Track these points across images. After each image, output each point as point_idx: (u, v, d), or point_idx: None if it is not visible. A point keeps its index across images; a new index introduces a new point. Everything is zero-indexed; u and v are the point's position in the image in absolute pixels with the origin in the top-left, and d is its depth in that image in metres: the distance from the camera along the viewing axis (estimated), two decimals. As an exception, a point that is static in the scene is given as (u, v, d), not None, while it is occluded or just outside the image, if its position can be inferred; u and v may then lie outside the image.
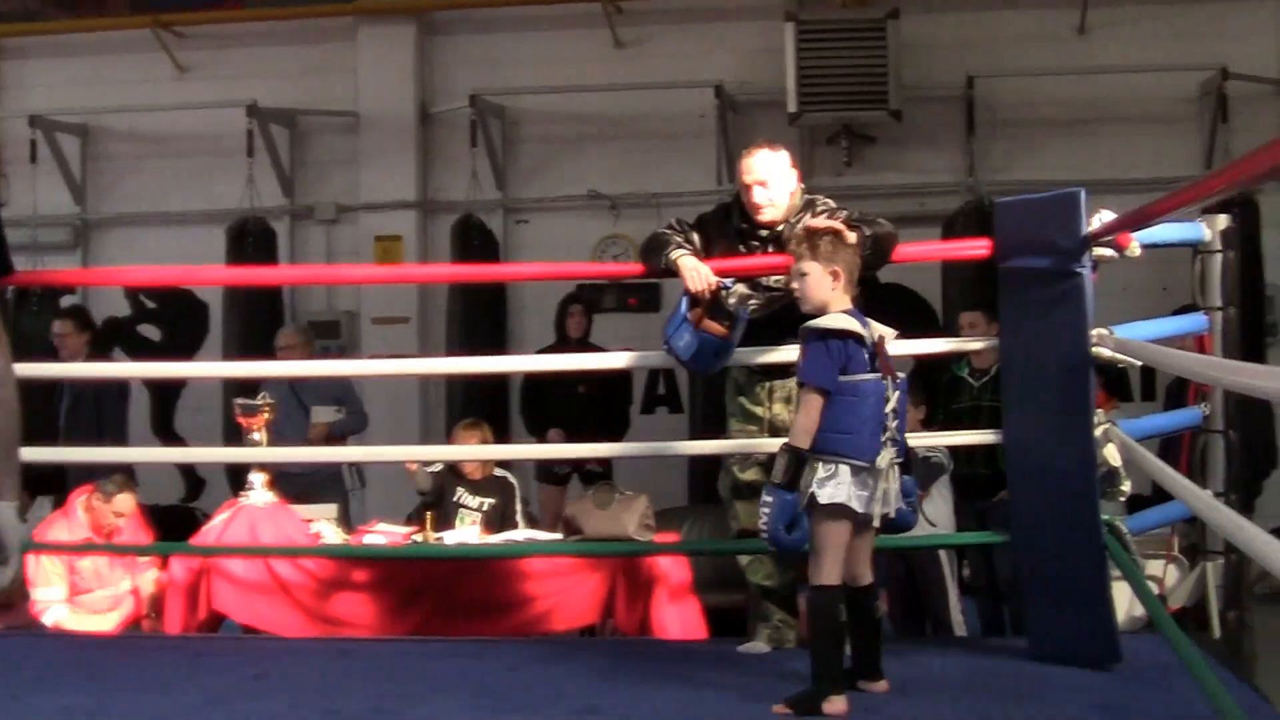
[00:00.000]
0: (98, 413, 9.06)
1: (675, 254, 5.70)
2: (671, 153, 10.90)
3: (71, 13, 11.78)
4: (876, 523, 4.87)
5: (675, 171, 10.81)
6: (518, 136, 11.08)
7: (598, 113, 11.00)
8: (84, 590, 7.68)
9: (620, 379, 9.54)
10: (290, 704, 5.48)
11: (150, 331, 11.49)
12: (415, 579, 7.12)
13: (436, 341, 10.50)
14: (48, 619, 7.49)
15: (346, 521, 8.11)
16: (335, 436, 8.65)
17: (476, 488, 7.84)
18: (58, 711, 5.43)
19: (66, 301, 11.10)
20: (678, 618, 6.89)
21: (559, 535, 7.35)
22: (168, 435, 11.29)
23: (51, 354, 8.97)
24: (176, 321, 11.27)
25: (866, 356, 4.85)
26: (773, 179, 5.73)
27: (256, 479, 7.45)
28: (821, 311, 4.91)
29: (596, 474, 8.90)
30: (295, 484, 8.02)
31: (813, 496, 4.78)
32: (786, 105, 10.36)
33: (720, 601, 7.24)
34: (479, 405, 9.39)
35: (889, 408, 4.84)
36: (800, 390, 4.89)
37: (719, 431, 6.35)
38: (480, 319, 10.23)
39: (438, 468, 7.83)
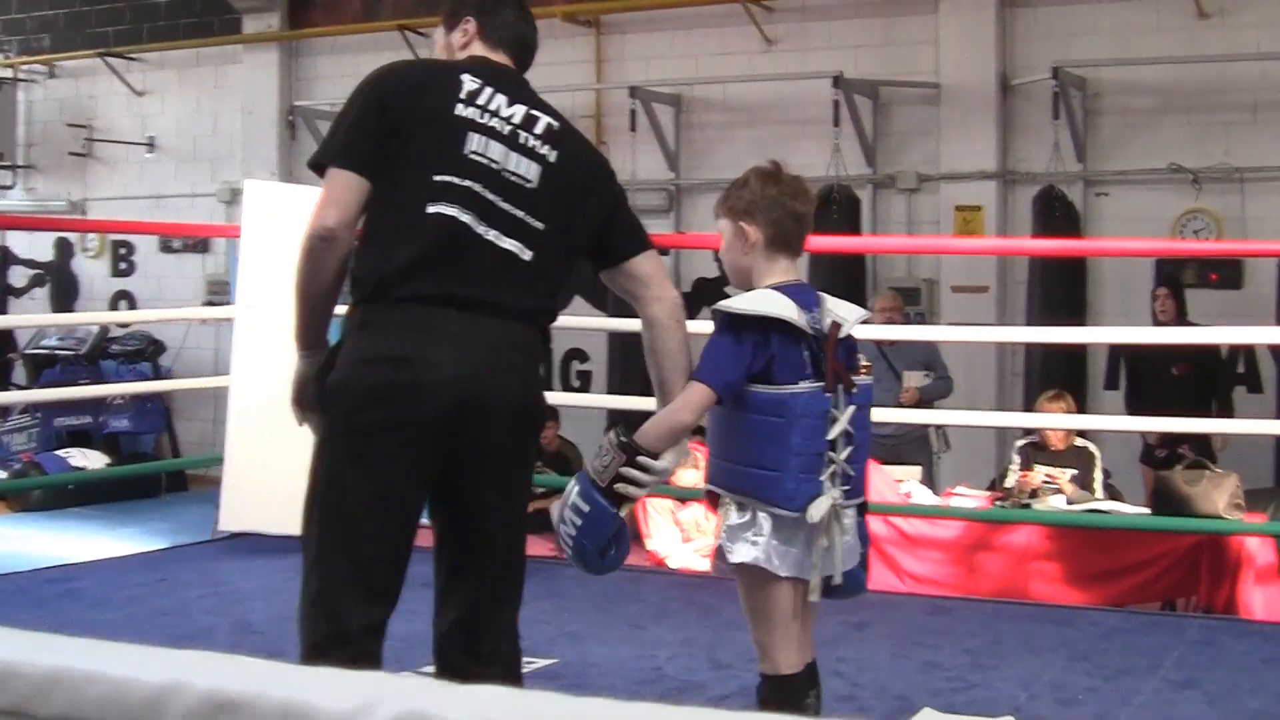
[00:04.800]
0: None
1: None
2: (1258, 126, 10.65)
3: (665, -12, 12.41)
4: (814, 595, 3.58)
5: (1265, 146, 10.56)
6: (1099, 108, 11.05)
7: (1178, 84, 10.84)
8: (686, 539, 8.30)
9: (1212, 358, 9.35)
10: (891, 653, 5.85)
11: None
12: (1000, 542, 7.37)
13: (1014, 311, 10.60)
14: (672, 563, 8.13)
15: (931, 484, 8.41)
16: (924, 400, 8.93)
17: (1057, 458, 8.00)
18: (680, 643, 5.97)
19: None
20: (1263, 599, 6.90)
21: (1145, 510, 7.46)
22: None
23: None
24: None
25: (805, 355, 3.60)
26: None
27: (849, 438, 7.81)
28: (743, 287, 3.77)
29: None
30: (884, 446, 8.36)
31: (720, 551, 3.64)
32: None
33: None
34: (1057, 377, 9.47)
35: (835, 431, 3.55)
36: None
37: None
38: (1059, 291, 10.27)
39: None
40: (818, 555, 3.53)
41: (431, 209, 3.38)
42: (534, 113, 3.58)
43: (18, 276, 14.98)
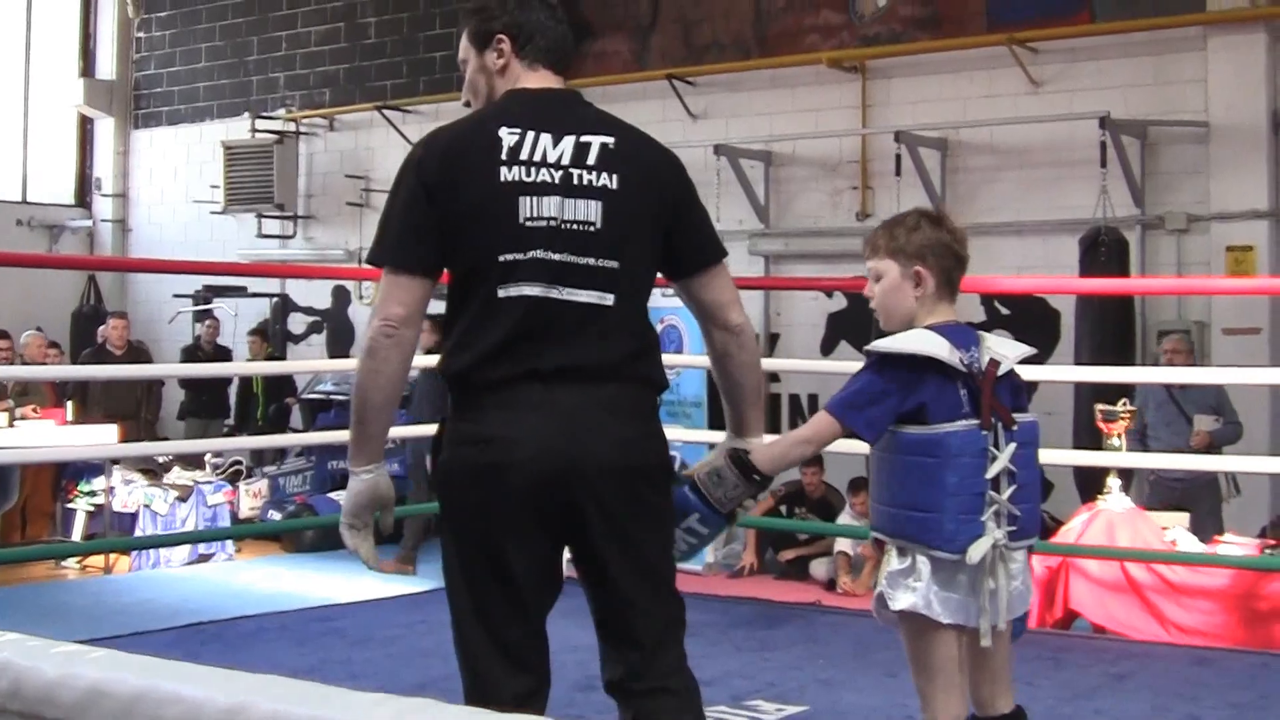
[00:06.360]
0: None
1: None
2: None
3: (933, 33, 12.44)
4: (985, 640, 3.47)
5: None
6: (1378, 144, 10.75)
7: None
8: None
9: None
10: (1152, 706, 5.79)
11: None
12: (1269, 591, 7.21)
13: (1290, 354, 10.37)
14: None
15: (1218, 527, 8.26)
16: (1214, 445, 8.79)
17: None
18: (872, 684, 6.01)
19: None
20: None
21: None
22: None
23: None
24: (1029, 328, 11.61)
25: (963, 394, 3.53)
26: None
27: (1114, 483, 7.75)
28: (901, 329, 3.64)
29: None
30: (1173, 490, 8.28)
31: (881, 599, 3.60)
32: None
33: None
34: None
35: (993, 470, 3.48)
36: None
37: None
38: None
39: None
40: (985, 599, 3.45)
41: (502, 293, 3.29)
42: (584, 139, 3.38)
43: (296, 323, 15.53)
